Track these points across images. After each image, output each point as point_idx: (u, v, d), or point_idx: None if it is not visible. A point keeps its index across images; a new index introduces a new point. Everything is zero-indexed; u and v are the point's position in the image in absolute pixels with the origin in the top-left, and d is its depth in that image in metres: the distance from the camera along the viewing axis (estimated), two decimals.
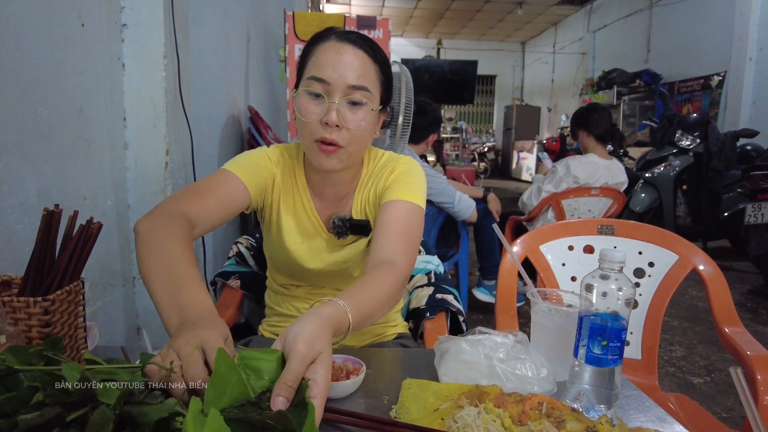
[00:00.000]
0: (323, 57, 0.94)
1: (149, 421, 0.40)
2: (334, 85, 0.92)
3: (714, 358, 2.60)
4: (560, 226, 1.51)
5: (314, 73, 0.93)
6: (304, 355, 0.55)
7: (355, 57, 0.94)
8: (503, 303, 1.35)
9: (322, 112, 0.93)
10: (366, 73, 0.95)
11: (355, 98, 0.94)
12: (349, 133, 0.94)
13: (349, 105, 0.94)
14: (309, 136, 0.95)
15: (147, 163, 1.53)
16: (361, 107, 0.95)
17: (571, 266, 1.47)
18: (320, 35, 0.98)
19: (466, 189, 2.92)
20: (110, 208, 1.41)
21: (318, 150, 0.95)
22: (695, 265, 1.38)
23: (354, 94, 0.94)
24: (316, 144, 0.95)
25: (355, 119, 0.95)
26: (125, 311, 1.50)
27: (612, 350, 0.71)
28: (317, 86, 0.93)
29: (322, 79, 0.92)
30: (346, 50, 0.94)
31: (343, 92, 0.93)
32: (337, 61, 0.93)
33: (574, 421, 0.63)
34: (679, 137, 4.64)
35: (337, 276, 1.12)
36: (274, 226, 1.08)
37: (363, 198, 1.09)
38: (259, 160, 1.04)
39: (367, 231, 1.09)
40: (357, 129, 0.95)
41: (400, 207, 0.99)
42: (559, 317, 0.85)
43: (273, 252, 1.12)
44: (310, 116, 0.94)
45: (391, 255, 0.90)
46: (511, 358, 0.83)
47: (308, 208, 1.08)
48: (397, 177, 1.05)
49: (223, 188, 0.97)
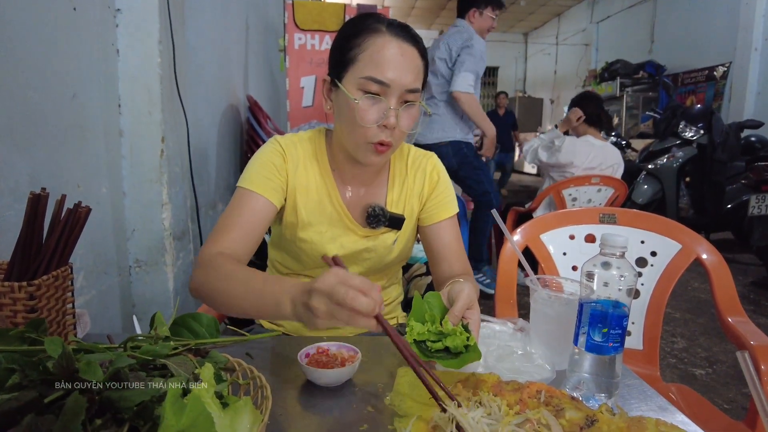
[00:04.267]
0: (382, 56, 0.90)
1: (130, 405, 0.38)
2: (393, 88, 0.90)
3: (716, 349, 2.58)
4: (561, 214, 1.49)
5: (372, 73, 0.90)
6: (466, 299, 0.77)
7: (412, 58, 0.92)
8: (503, 292, 1.34)
9: (380, 115, 0.92)
10: (419, 74, 0.94)
11: (409, 99, 0.93)
12: (400, 133, 0.95)
13: (404, 106, 0.93)
14: (363, 137, 0.93)
15: (142, 151, 1.51)
16: (413, 107, 0.95)
17: (573, 255, 1.45)
18: (367, 23, 0.94)
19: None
20: (105, 195, 1.39)
21: (373, 151, 0.94)
22: (698, 254, 1.36)
23: (409, 96, 0.93)
24: (371, 146, 0.94)
25: (408, 122, 0.95)
26: (121, 300, 1.49)
27: (613, 338, 0.69)
28: (376, 88, 0.90)
29: (382, 82, 0.89)
30: (405, 50, 0.91)
31: (400, 95, 0.91)
32: (397, 63, 0.90)
33: (574, 410, 0.61)
34: (682, 128, 4.60)
35: (349, 264, 1.10)
36: (289, 218, 1.05)
37: (401, 194, 1.10)
38: (274, 165, 1.01)
39: (400, 226, 1.09)
40: (408, 129, 0.95)
41: (454, 223, 1.12)
42: (558, 304, 0.83)
43: (286, 242, 1.09)
44: (369, 121, 0.91)
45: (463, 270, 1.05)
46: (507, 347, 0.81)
47: (333, 196, 1.05)
48: (445, 189, 1.12)
49: (249, 214, 0.96)
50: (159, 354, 0.53)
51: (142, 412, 0.39)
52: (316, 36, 3.01)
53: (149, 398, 0.39)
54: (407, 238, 1.13)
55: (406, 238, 1.13)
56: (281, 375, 0.80)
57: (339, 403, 0.72)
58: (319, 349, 0.82)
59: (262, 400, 0.55)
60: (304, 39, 3.00)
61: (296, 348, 0.80)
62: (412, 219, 1.12)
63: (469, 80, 2.86)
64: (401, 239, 1.12)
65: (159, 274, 1.56)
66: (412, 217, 1.11)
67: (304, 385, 0.76)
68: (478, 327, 0.78)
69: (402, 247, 1.13)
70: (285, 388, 0.76)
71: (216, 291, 0.82)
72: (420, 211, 1.13)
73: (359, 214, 1.07)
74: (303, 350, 0.80)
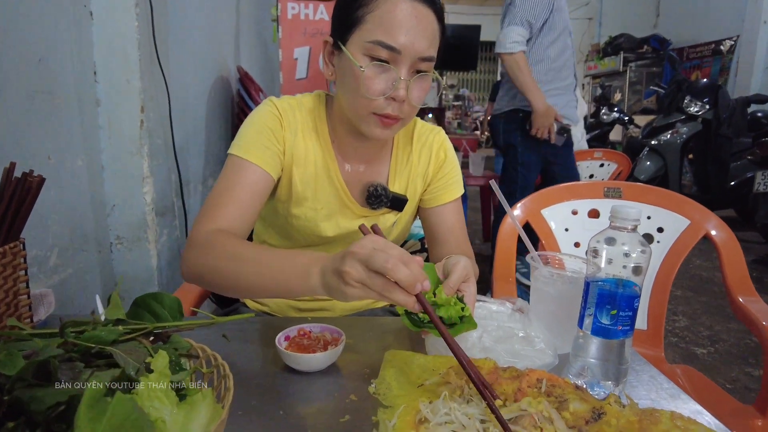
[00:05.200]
0: (393, 18, 0.78)
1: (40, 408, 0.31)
2: (404, 55, 0.79)
3: (718, 328, 2.53)
4: (564, 188, 1.41)
5: (381, 37, 0.79)
6: (462, 271, 0.71)
7: (428, 21, 0.81)
8: (501, 269, 1.27)
9: (388, 85, 0.81)
10: (435, 40, 0.83)
11: (422, 68, 0.83)
12: (410, 107, 0.85)
13: (415, 77, 0.83)
14: (366, 109, 0.83)
15: (121, 121, 1.43)
16: (425, 78, 0.84)
17: (575, 231, 1.38)
18: None
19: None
20: (81, 169, 1.31)
21: (377, 123, 0.85)
22: (707, 231, 1.29)
23: (421, 65, 0.82)
24: (375, 117, 0.84)
25: (420, 94, 0.85)
26: (102, 278, 1.42)
27: (622, 320, 0.63)
28: (385, 54, 0.79)
29: (393, 47, 0.79)
30: (420, 12, 0.80)
31: (412, 64, 0.81)
32: (410, 26, 0.79)
33: (578, 401, 0.54)
34: (687, 103, 4.49)
35: (344, 244, 1.03)
36: (283, 192, 0.96)
37: (405, 172, 1.01)
38: (271, 131, 0.91)
39: (401, 208, 1.01)
40: (419, 103, 0.85)
41: (458, 206, 1.04)
42: (561, 283, 0.76)
43: (276, 217, 1.01)
44: (376, 92, 0.81)
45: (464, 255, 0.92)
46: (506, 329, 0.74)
47: (333, 171, 0.96)
48: (452, 169, 1.04)
49: (245, 188, 0.87)
50: (104, 341, 0.46)
51: (64, 414, 0.32)
52: (310, 5, 2.88)
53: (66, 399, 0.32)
54: (408, 218, 1.06)
55: (406, 219, 1.05)
56: (260, 359, 0.74)
57: (319, 391, 0.66)
58: (301, 332, 0.76)
59: (225, 392, 0.48)
60: (297, 8, 2.87)
61: (278, 329, 0.74)
62: (415, 200, 1.04)
63: (512, 36, 2.28)
64: (401, 221, 1.04)
65: (141, 251, 1.49)
66: (414, 198, 1.03)
67: (283, 371, 0.70)
68: (474, 300, 0.72)
69: (401, 229, 1.06)
70: (262, 374, 0.70)
71: (218, 272, 0.75)
72: (423, 192, 1.05)
73: (358, 193, 0.99)
74: (282, 333, 0.73)
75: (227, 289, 0.75)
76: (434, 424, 0.53)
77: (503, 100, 2.52)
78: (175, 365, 0.52)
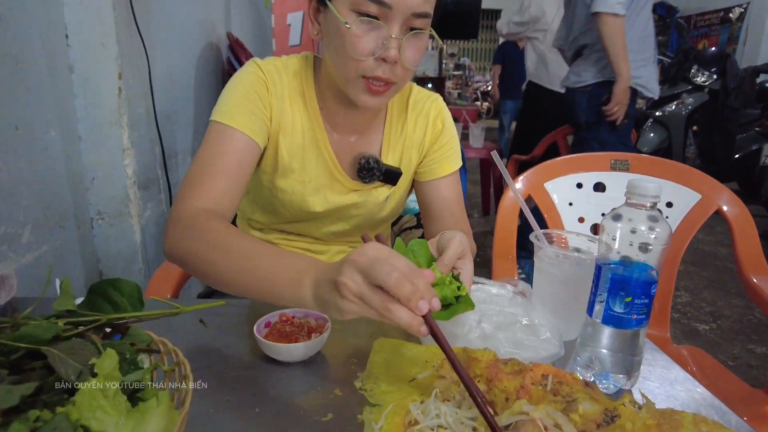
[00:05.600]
0: None
1: None
2: (396, 10, 0.70)
3: (720, 304, 2.49)
4: (568, 160, 1.34)
5: None
6: (457, 247, 0.64)
7: None
8: (501, 247, 1.20)
9: (377, 44, 0.72)
10: None
11: (416, 25, 0.73)
12: (403, 70, 0.76)
13: (409, 35, 0.73)
14: (353, 71, 0.74)
15: (97, 89, 1.33)
16: (420, 36, 0.75)
17: (579, 206, 1.31)
18: None
19: None
20: (54, 140, 1.23)
21: (365, 88, 0.76)
22: (719, 206, 1.22)
23: (415, 22, 0.73)
24: (363, 81, 0.75)
25: (415, 55, 0.75)
26: (83, 256, 1.35)
27: (637, 308, 0.56)
28: (374, 9, 0.70)
29: (382, 1, 0.70)
30: None
31: (404, 20, 0.72)
32: None
33: (589, 401, 0.48)
34: (694, 73, 4.35)
35: (333, 220, 0.96)
36: (268, 162, 0.89)
37: (399, 142, 0.93)
38: (257, 95, 0.83)
39: (395, 181, 0.93)
40: (414, 65, 0.76)
41: (456, 180, 0.97)
42: (569, 265, 0.69)
43: (260, 190, 0.94)
44: (363, 52, 0.72)
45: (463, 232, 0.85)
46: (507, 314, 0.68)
47: (321, 140, 0.88)
48: (450, 140, 0.96)
49: (233, 158, 0.78)
50: (39, 339, 0.40)
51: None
52: None
53: None
54: (402, 193, 0.98)
55: (400, 193, 0.98)
56: (237, 348, 0.67)
57: (301, 385, 0.60)
58: (283, 317, 0.69)
59: (184, 395, 0.42)
60: None
61: (260, 314, 0.68)
62: (409, 172, 0.96)
63: None
64: (395, 195, 0.96)
65: (124, 226, 1.42)
66: (409, 171, 0.96)
67: (263, 361, 0.64)
68: (471, 278, 0.65)
69: (395, 204, 0.98)
70: (239, 365, 0.63)
71: (200, 259, 0.66)
72: (419, 165, 0.97)
73: (349, 164, 0.91)
74: (263, 318, 0.67)
75: (209, 279, 0.66)
76: (424, 426, 0.47)
77: (588, 71, 2.23)
78: (130, 363, 0.45)
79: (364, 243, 0.53)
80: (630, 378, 0.59)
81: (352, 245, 1.02)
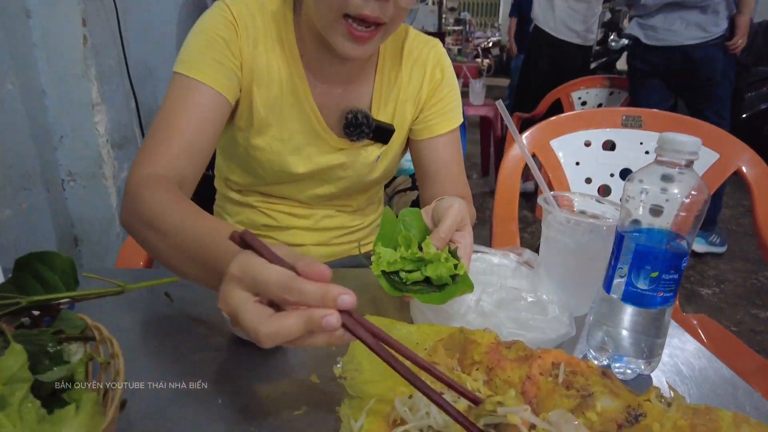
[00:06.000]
0: None
1: None
2: None
3: (724, 267, 2.43)
4: (576, 116, 1.23)
5: None
6: (455, 217, 0.57)
7: None
8: (503, 210, 1.11)
9: None
10: None
11: None
12: (396, 9, 0.65)
13: None
14: (335, 10, 0.64)
15: (59, 37, 1.21)
16: None
17: (587, 165, 1.22)
18: None
19: None
20: (12, 94, 1.12)
21: (347, 33, 0.65)
22: (739, 166, 1.13)
23: None
24: (344, 24, 0.64)
25: None
26: (55, 220, 1.26)
27: (665, 285, 0.48)
28: None
29: None
30: None
31: None
32: None
33: (608, 396, 0.40)
34: None
35: (318, 182, 0.86)
36: (242, 117, 0.79)
37: (392, 95, 0.83)
38: (224, 40, 0.72)
39: (387, 139, 0.83)
40: (408, 3, 0.65)
41: (456, 138, 0.87)
42: (582, 232, 0.60)
43: (236, 148, 0.84)
44: None
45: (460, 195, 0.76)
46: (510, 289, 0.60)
47: (302, 93, 0.78)
48: (450, 92, 0.85)
49: (194, 115, 0.68)
50: None
51: None
52: None
53: None
54: (395, 153, 0.88)
55: (393, 153, 0.88)
56: (203, 327, 0.60)
57: (273, 371, 0.52)
58: None
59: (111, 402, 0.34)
60: None
61: None
62: (403, 129, 0.86)
63: None
64: (387, 155, 0.87)
65: (98, 188, 1.32)
66: (403, 127, 0.85)
67: (231, 342, 0.56)
68: (470, 254, 0.58)
69: (387, 165, 0.89)
70: (204, 347, 0.56)
71: (140, 237, 0.58)
72: (414, 121, 0.86)
73: (335, 120, 0.81)
74: None
75: (156, 258, 0.57)
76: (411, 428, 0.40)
77: (723, 21, 2.16)
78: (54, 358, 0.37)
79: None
80: (650, 363, 0.51)
81: (341, 209, 0.93)
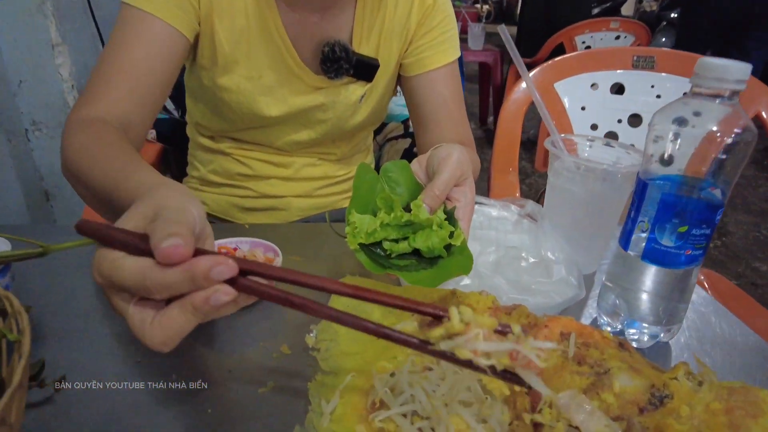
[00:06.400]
0: None
1: None
2: None
3: (725, 219, 2.38)
4: (583, 56, 1.13)
5: None
6: (454, 169, 0.47)
7: None
8: (502, 159, 1.03)
9: None
10: None
11: None
12: None
13: None
14: None
15: None
16: None
17: (593, 110, 1.12)
18: None
19: None
20: None
21: None
22: (758, 110, 1.04)
23: None
24: None
25: None
26: (20, 174, 1.18)
27: (694, 241, 0.40)
28: None
29: None
30: None
31: None
32: None
33: (627, 373, 0.34)
34: None
35: (296, 127, 0.77)
36: (205, 55, 0.69)
37: (376, 26, 0.72)
38: None
39: (371, 77, 0.74)
40: None
41: (454, 72, 0.78)
42: (594, 180, 0.53)
43: (203, 90, 0.74)
44: None
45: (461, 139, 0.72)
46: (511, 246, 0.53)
47: (272, 23, 0.68)
48: (443, 19, 0.75)
49: (139, 52, 0.59)
50: None
51: None
52: None
53: None
54: (382, 93, 0.78)
55: (380, 93, 0.78)
56: None
57: (238, 340, 0.46)
58: (222, 249, 0.54)
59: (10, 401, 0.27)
60: None
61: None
62: (390, 65, 0.76)
63: None
64: (373, 95, 0.77)
65: None
66: (390, 63, 0.75)
67: None
68: (470, 216, 0.48)
69: (373, 106, 0.79)
70: None
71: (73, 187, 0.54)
72: (404, 54, 0.76)
73: (311, 54, 0.71)
74: None
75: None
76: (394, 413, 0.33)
77: None
78: None
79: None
80: (669, 330, 0.45)
81: (324, 158, 0.84)
